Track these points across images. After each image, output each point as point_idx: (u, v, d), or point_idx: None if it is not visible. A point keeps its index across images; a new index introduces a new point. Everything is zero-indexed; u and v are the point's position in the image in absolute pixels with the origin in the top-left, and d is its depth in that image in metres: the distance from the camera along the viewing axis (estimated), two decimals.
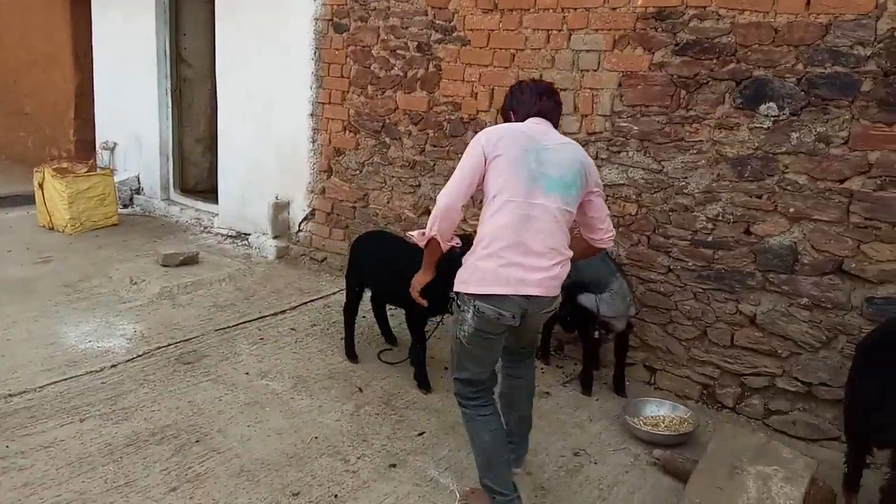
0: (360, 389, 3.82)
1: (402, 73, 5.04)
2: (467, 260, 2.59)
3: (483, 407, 2.73)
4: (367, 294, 4.31)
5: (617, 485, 3.05)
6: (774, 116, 3.43)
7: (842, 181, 3.28)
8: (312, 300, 5.14)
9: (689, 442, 3.36)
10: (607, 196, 4.03)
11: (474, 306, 2.53)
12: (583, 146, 4.06)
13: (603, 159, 4.02)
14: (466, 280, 2.56)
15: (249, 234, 6.36)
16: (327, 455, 3.19)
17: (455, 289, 2.61)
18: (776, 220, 3.49)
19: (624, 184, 3.96)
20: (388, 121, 5.21)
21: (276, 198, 6.06)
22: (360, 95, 5.34)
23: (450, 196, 2.55)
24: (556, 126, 2.77)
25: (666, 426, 3.46)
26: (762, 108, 3.46)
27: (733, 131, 3.57)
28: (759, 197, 3.51)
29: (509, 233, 2.49)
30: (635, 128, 3.87)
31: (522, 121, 2.69)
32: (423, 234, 2.65)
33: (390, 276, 3.91)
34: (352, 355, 4.16)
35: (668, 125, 3.76)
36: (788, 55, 3.36)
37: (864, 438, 2.74)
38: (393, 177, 5.25)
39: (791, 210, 3.43)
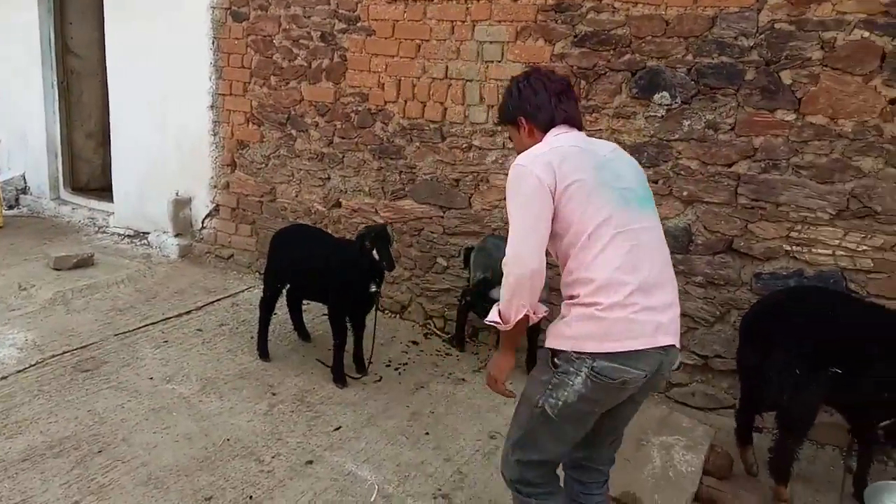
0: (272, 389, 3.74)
1: (306, 64, 4.94)
2: (571, 310, 1.96)
3: (551, 497, 2.16)
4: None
5: None
6: (668, 105, 3.60)
7: (730, 165, 3.48)
8: (219, 299, 4.98)
9: None
10: None
11: (590, 368, 1.91)
12: (489, 136, 4.18)
13: (510, 149, 4.09)
14: (579, 335, 1.93)
15: (149, 233, 6.07)
16: (241, 457, 3.10)
17: (554, 346, 1.98)
18: (672, 203, 3.67)
19: None
20: (293, 112, 5.10)
21: (177, 194, 5.82)
22: (262, 86, 5.20)
23: (531, 256, 1.92)
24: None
25: None
26: (656, 97, 3.62)
27: (630, 120, 3.72)
28: (656, 182, 3.68)
29: (629, 272, 1.93)
30: None
31: (545, 131, 2.11)
32: (503, 316, 1.98)
33: (312, 272, 3.90)
34: (264, 354, 4.07)
35: None
36: (679, 46, 3.53)
37: (748, 403, 2.98)
38: (301, 170, 5.15)
39: (685, 193, 3.61)
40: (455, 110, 4.29)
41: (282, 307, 4.31)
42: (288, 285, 4.15)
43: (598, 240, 1.93)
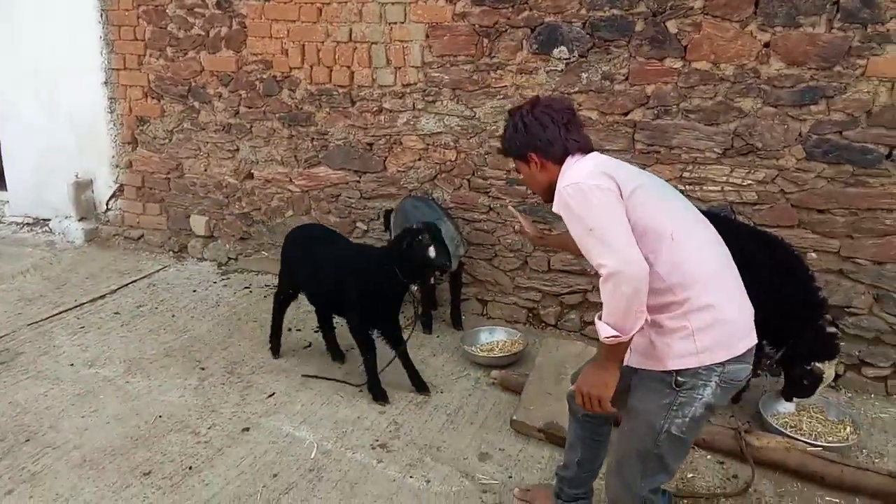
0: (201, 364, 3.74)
1: (203, 33, 4.81)
2: (687, 321, 1.83)
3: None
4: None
5: (462, 408, 3.31)
6: (566, 59, 3.76)
7: (626, 114, 3.70)
8: (134, 281, 4.86)
9: (521, 360, 3.71)
10: (427, 146, 4.23)
11: (720, 375, 1.84)
12: (399, 99, 4.23)
13: (420, 110, 4.17)
14: (708, 347, 1.82)
15: (50, 220, 5.80)
16: (175, 431, 3.12)
17: (681, 366, 1.84)
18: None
19: (442, 132, 4.15)
20: (194, 84, 4.96)
21: (77, 176, 5.57)
22: (159, 58, 5.02)
23: (639, 258, 1.76)
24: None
25: (500, 350, 3.78)
26: (555, 52, 3.78)
27: (532, 75, 3.86)
28: None
29: (726, 265, 1.93)
30: (446, 77, 4.05)
31: (559, 163, 2.01)
32: (613, 334, 1.76)
33: (323, 279, 3.46)
34: (275, 349, 3.79)
35: (475, 73, 3.98)
36: (573, 1, 3.68)
37: None
38: (208, 142, 5.04)
39: None
40: (362, 74, 4.31)
41: (211, 282, 4.26)
42: (301, 291, 3.72)
43: (685, 238, 1.87)
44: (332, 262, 3.42)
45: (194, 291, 4.72)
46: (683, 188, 3.63)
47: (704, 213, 2.13)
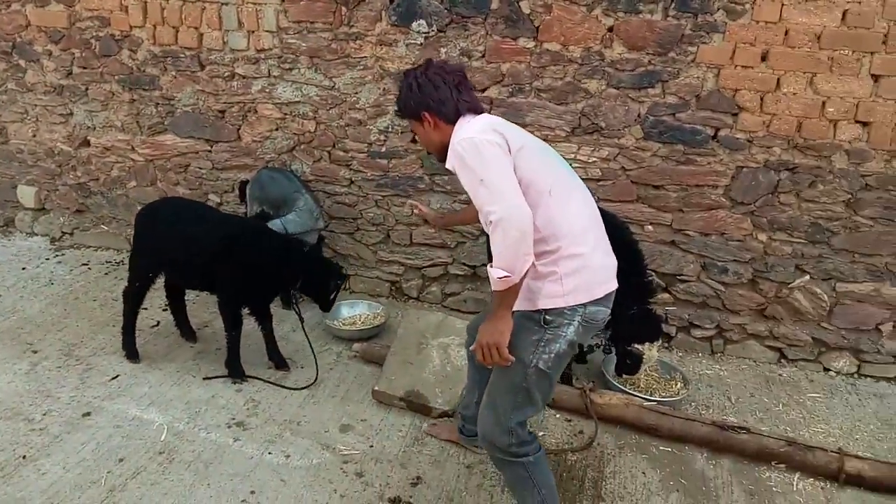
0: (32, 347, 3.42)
1: None
2: (557, 266, 2.01)
3: (536, 443, 2.23)
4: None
5: (324, 381, 3.29)
6: (425, 33, 3.78)
7: (484, 90, 3.78)
8: None
9: (383, 333, 3.74)
10: (285, 115, 4.10)
11: (582, 316, 2.04)
12: (253, 64, 4.06)
13: (276, 77, 4.02)
14: (573, 289, 2.01)
15: None
16: (4, 419, 2.85)
17: (548, 305, 2.01)
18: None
19: (300, 101, 4.03)
20: (19, 40, 4.46)
21: None
22: None
23: (523, 205, 1.88)
24: None
25: (362, 323, 3.78)
26: (414, 24, 3.78)
27: (392, 47, 3.85)
28: None
29: (594, 221, 2.12)
30: (303, 44, 3.93)
31: (452, 123, 2.11)
32: (504, 275, 1.87)
33: (192, 255, 3.15)
34: (132, 354, 3.37)
35: (334, 42, 3.89)
36: None
37: None
38: (36, 105, 4.56)
39: None
40: (212, 36, 4.08)
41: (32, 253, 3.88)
42: (161, 273, 3.37)
43: (560, 195, 2.03)
44: (207, 235, 3.13)
45: (23, 269, 4.29)
46: None
47: None
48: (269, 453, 2.75)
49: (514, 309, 2.01)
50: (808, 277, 3.60)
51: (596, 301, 2.06)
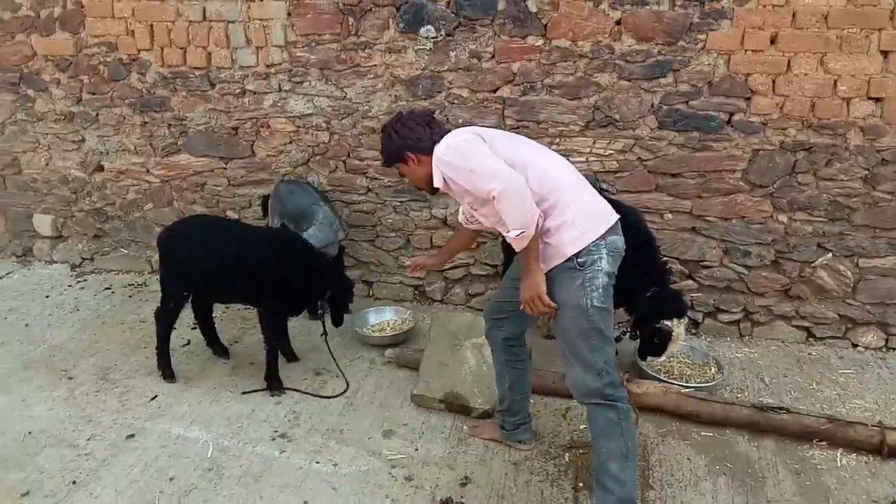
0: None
1: (33, 14, 4.34)
2: (565, 214, 2.25)
3: (625, 395, 2.37)
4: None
5: (360, 389, 3.31)
6: (433, 38, 3.81)
7: (495, 90, 3.81)
8: None
9: (412, 337, 3.76)
10: (298, 128, 4.12)
11: (607, 246, 2.28)
12: (263, 80, 4.09)
13: (287, 91, 4.05)
14: (587, 227, 2.26)
15: None
16: (50, 446, 2.87)
17: (573, 250, 2.24)
18: (448, 130, 3.92)
19: (313, 113, 4.06)
20: (26, 70, 4.48)
21: None
22: None
23: (508, 173, 2.17)
24: None
25: (391, 328, 3.81)
26: (422, 30, 3.80)
27: (402, 54, 3.87)
28: (433, 113, 3.91)
29: (578, 175, 2.40)
30: (313, 57, 3.96)
31: (431, 153, 2.35)
32: (520, 232, 2.16)
33: (229, 271, 3.16)
34: (169, 374, 3.37)
35: (343, 52, 3.92)
36: None
37: None
38: (47, 134, 4.58)
39: (460, 120, 3.89)
40: (221, 55, 4.10)
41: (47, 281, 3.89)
42: (194, 292, 3.35)
43: (541, 160, 2.35)
44: (242, 249, 3.17)
45: (47, 297, 4.31)
46: None
47: None
48: (317, 462, 2.77)
49: (550, 267, 2.29)
50: (830, 255, 3.63)
51: (611, 230, 2.31)
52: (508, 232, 2.19)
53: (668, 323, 3.09)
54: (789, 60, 3.39)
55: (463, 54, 3.79)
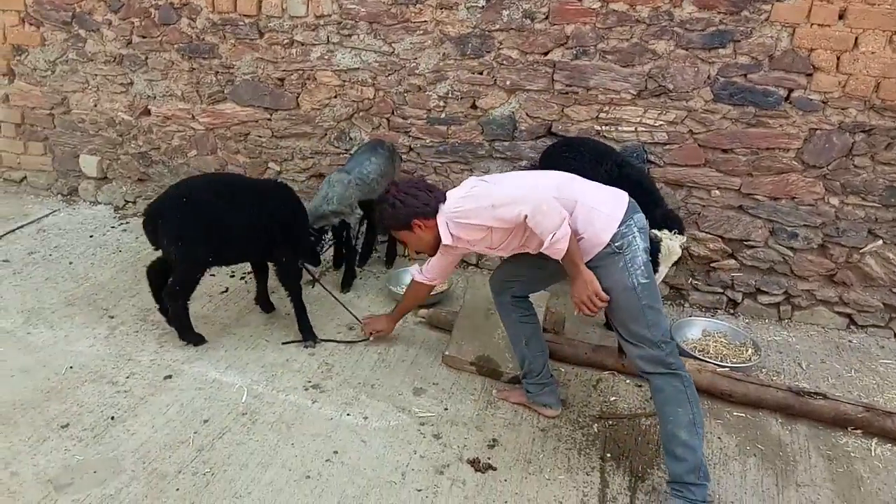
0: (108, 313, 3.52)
1: None
2: (585, 211, 2.37)
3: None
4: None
5: (392, 346, 3.33)
6: None
7: (546, 53, 3.73)
8: (21, 226, 4.46)
9: (446, 299, 3.76)
10: (343, 83, 4.09)
11: (635, 224, 2.38)
12: (312, 31, 4.04)
13: (335, 44, 4.01)
14: (612, 210, 2.38)
15: None
16: (90, 382, 2.95)
17: (607, 237, 2.33)
18: (496, 93, 3.87)
19: (359, 68, 4.02)
20: (78, 9, 4.51)
21: None
22: None
23: (528, 193, 2.36)
24: None
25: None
26: None
27: (453, 11, 3.80)
28: (481, 73, 3.85)
29: (571, 175, 2.56)
30: (363, 10, 3.90)
31: (435, 216, 2.52)
32: (555, 235, 2.27)
33: (252, 229, 3.14)
34: (198, 337, 3.25)
35: (394, 6, 3.86)
36: None
37: None
38: (97, 75, 4.63)
39: (508, 83, 3.82)
40: (271, 3, 4.06)
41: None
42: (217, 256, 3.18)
43: (550, 175, 2.56)
44: (259, 208, 3.17)
45: (91, 237, 4.40)
46: (599, 129, 3.75)
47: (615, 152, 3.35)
48: (348, 415, 2.81)
49: (589, 258, 2.36)
50: (880, 242, 3.52)
51: (631, 207, 2.41)
52: (546, 242, 2.28)
53: (657, 233, 3.06)
54: (857, 37, 3.25)
55: (516, 14, 3.70)
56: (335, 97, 4.15)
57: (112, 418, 2.73)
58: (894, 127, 3.33)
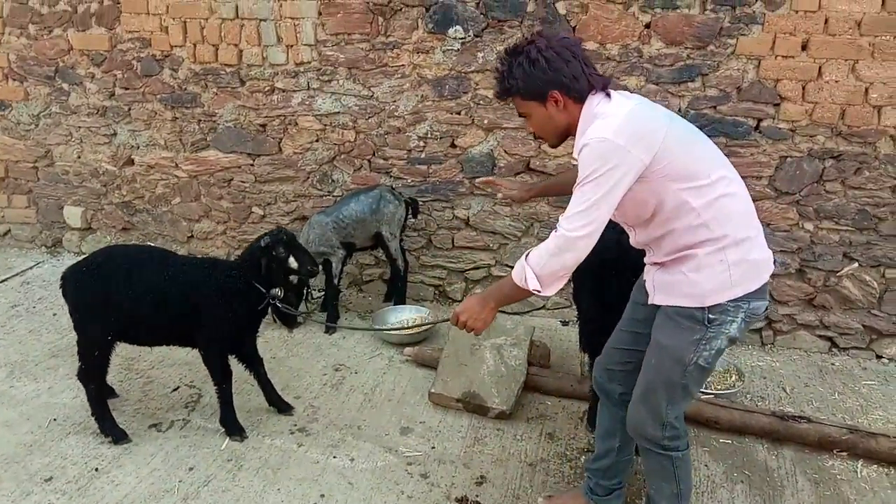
0: None
1: (70, 9, 4.43)
2: (725, 255, 1.86)
3: (686, 438, 2.17)
4: None
5: (378, 386, 3.33)
6: (462, 39, 3.82)
7: None
8: (4, 280, 4.47)
9: (431, 337, 3.77)
10: (325, 126, 4.16)
11: (746, 311, 1.92)
12: (292, 78, 4.13)
13: (315, 89, 4.09)
14: (741, 280, 1.87)
15: None
16: (74, 434, 2.93)
17: (713, 301, 1.88)
18: (474, 132, 3.95)
19: (339, 112, 4.10)
20: (61, 63, 4.58)
21: None
22: (20, 37, 4.58)
23: (595, 235, 1.85)
24: None
25: (409, 328, 3.83)
26: (450, 31, 3.82)
27: (429, 54, 3.89)
28: (459, 113, 3.93)
29: (751, 210, 1.95)
30: (342, 56, 4.00)
31: (580, 103, 1.90)
32: (540, 283, 1.89)
33: (162, 307, 2.76)
34: (120, 434, 2.87)
35: (371, 52, 3.95)
36: None
37: None
38: (80, 127, 4.68)
39: (485, 122, 3.90)
40: (252, 52, 4.15)
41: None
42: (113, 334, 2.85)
43: (720, 179, 1.87)
44: (176, 286, 2.76)
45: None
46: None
47: None
48: (334, 457, 2.80)
49: (671, 304, 1.95)
50: (856, 265, 3.58)
51: (758, 293, 1.92)
52: (528, 265, 1.89)
53: None
54: (820, 67, 3.36)
55: (490, 55, 3.80)
56: (317, 141, 4.21)
57: (96, 469, 2.71)
58: (862, 152, 3.42)
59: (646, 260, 2.11)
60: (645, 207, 1.90)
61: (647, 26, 3.53)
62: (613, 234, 2.13)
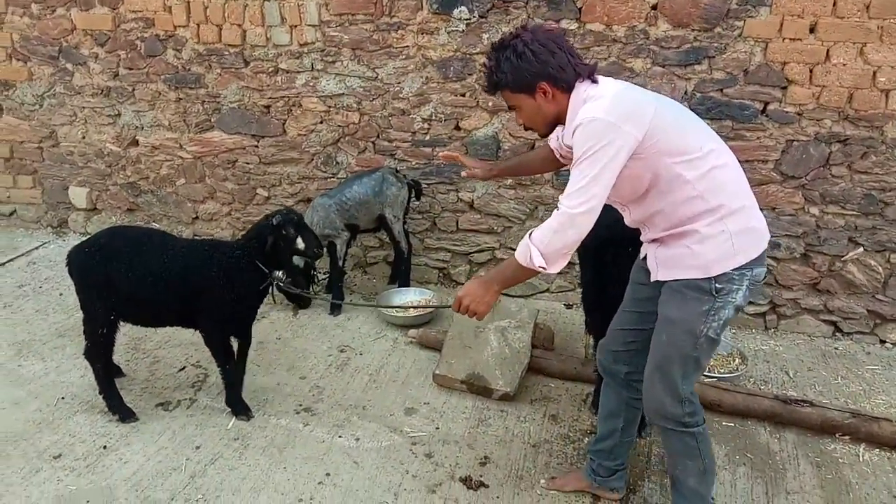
0: None
1: None
2: (725, 225, 1.90)
3: (702, 413, 2.18)
4: None
5: (383, 367, 3.35)
6: (467, 19, 3.79)
7: None
8: (11, 260, 4.48)
9: (435, 319, 3.79)
10: (329, 108, 4.15)
11: (750, 278, 1.95)
12: (296, 59, 4.10)
13: (319, 70, 4.08)
14: (743, 247, 1.91)
15: None
16: (82, 412, 2.96)
17: (719, 271, 1.91)
18: (479, 114, 3.94)
19: (344, 93, 4.08)
20: (65, 43, 4.56)
21: None
22: (22, 16, 4.55)
23: (597, 212, 1.88)
24: None
25: (415, 309, 3.84)
26: (455, 12, 3.79)
27: (434, 35, 3.87)
28: (463, 95, 3.91)
29: (743, 179, 1.99)
30: (346, 37, 3.97)
31: (567, 92, 1.94)
32: (546, 261, 1.91)
33: (164, 289, 2.76)
34: (127, 413, 2.90)
35: (375, 32, 3.93)
36: None
37: None
38: (84, 108, 4.67)
39: (490, 104, 3.89)
40: (255, 32, 4.13)
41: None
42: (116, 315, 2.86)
43: (712, 152, 1.92)
44: (177, 268, 2.75)
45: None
46: None
47: None
48: (340, 437, 2.82)
49: (677, 278, 1.97)
50: (861, 249, 3.58)
51: (759, 259, 1.96)
52: (532, 244, 1.91)
53: None
54: (828, 50, 3.33)
55: (496, 36, 3.76)
56: (321, 123, 4.20)
57: (104, 447, 2.74)
58: (869, 136, 3.40)
59: (643, 238, 2.14)
60: (640, 182, 1.94)
61: (654, 7, 3.49)
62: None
